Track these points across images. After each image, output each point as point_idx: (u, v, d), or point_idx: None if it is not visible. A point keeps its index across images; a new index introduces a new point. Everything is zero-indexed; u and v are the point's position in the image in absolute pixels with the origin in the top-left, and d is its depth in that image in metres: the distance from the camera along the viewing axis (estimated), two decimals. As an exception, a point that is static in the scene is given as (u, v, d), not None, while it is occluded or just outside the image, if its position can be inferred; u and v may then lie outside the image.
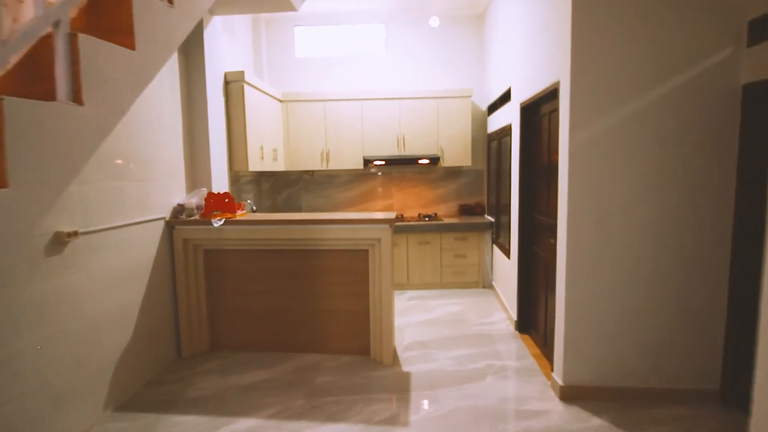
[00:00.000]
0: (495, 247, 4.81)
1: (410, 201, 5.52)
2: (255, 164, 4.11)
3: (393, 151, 5.07)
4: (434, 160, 5.01)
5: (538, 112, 3.39)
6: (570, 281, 2.60)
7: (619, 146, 2.51)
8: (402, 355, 3.29)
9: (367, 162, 5.01)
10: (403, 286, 5.01)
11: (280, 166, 4.88)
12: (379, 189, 5.50)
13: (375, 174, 5.48)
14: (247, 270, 3.33)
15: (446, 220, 5.02)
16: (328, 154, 5.06)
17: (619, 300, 2.59)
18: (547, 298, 3.17)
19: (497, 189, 4.70)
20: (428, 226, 4.88)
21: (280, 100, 4.96)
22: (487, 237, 4.94)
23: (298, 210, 5.50)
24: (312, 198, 5.49)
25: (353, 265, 3.21)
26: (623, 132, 2.50)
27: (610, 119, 2.50)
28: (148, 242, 2.99)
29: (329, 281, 3.26)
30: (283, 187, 5.49)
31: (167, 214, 3.18)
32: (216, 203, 3.23)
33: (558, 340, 2.74)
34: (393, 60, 5.36)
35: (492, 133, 4.90)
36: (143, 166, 2.93)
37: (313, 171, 5.44)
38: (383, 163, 5.04)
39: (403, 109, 5.02)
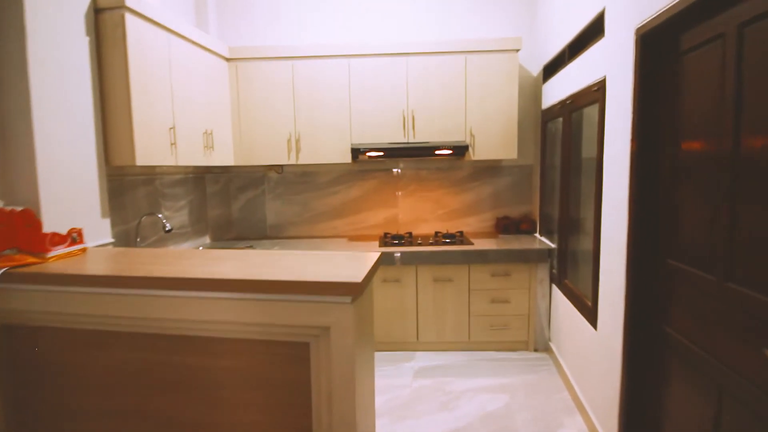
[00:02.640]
0: (556, 289, 3.00)
1: (423, 211, 3.76)
2: (156, 155, 2.45)
3: (397, 137, 3.31)
4: (459, 150, 3.23)
5: (678, 42, 1.58)
6: None
7: None
8: None
9: (358, 153, 3.26)
10: (410, 346, 3.27)
11: (222, 159, 3.20)
12: (378, 193, 3.76)
13: (371, 171, 3.74)
14: (88, 368, 1.65)
15: (477, 243, 3.23)
16: (298, 140, 3.34)
17: None
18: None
19: (562, 195, 2.88)
20: (450, 254, 3.11)
21: (227, 58, 3.28)
22: (543, 271, 3.13)
23: (261, 224, 3.82)
24: (281, 206, 3.80)
25: (281, 373, 1.49)
26: None
27: None
28: None
29: (238, 402, 1.55)
30: (240, 190, 3.82)
31: None
32: (5, 232, 1.57)
33: None
34: None
35: (551, 108, 3.07)
36: None
37: (281, 166, 3.75)
38: (381, 154, 3.28)
39: (412, 71, 3.25)
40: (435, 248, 3.13)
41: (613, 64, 2.00)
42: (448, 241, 3.34)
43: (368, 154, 3.24)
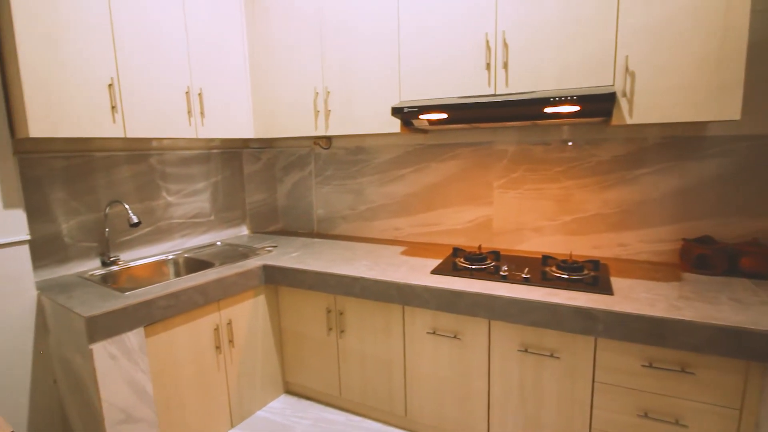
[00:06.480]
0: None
1: (535, 215, 2.22)
2: (78, 124, 1.70)
3: (475, 86, 1.88)
4: (598, 104, 1.59)
5: None
6: None
7: None
8: None
9: (405, 116, 1.94)
10: (471, 448, 1.92)
11: (225, 130, 2.35)
12: (463, 181, 2.37)
13: (452, 147, 2.36)
14: None
15: (622, 292, 1.61)
16: (326, 100, 2.23)
17: None
18: None
19: None
20: (553, 311, 1.59)
21: (243, -11, 2.37)
22: (788, 385, 1.33)
23: (309, 216, 2.88)
24: (330, 193, 2.79)
25: None
26: None
27: None
28: None
29: None
30: (285, 170, 2.94)
31: None
32: None
33: None
34: None
35: None
36: None
37: (328, 138, 2.71)
38: (444, 117, 1.90)
39: (511, -42, 1.74)
40: (527, 293, 1.66)
41: None
42: (564, 277, 1.79)
43: (423, 116, 1.91)
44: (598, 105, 1.58)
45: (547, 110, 1.66)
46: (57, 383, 1.87)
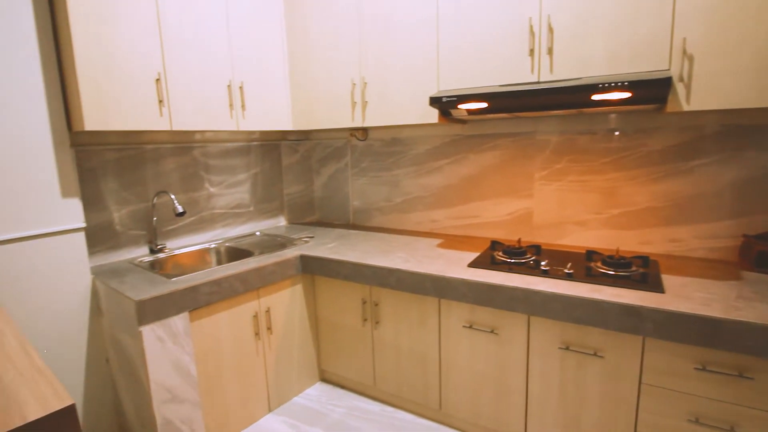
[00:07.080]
0: None
1: (579, 208, 2.13)
2: (127, 117, 1.78)
3: (518, 74, 1.81)
4: (652, 90, 1.49)
5: None
6: None
7: None
8: None
9: (444, 105, 1.90)
10: (507, 445, 1.88)
11: (263, 122, 2.39)
12: (502, 173, 2.31)
13: (490, 137, 2.30)
14: None
15: (674, 291, 1.52)
16: (363, 91, 2.22)
17: None
18: None
19: None
20: (598, 308, 1.52)
21: (282, -19, 2.39)
22: None
23: (345, 207, 2.90)
24: (366, 185, 2.79)
25: None
26: None
27: None
28: None
29: None
30: (322, 162, 2.97)
31: None
32: None
33: None
34: None
35: None
36: None
37: (365, 129, 2.71)
38: (484, 106, 1.85)
39: (557, -63, 1.66)
40: (570, 288, 1.60)
41: None
42: (611, 273, 1.71)
43: (462, 106, 1.86)
44: (652, 91, 1.48)
45: (596, 97, 1.58)
46: (109, 362, 1.99)
